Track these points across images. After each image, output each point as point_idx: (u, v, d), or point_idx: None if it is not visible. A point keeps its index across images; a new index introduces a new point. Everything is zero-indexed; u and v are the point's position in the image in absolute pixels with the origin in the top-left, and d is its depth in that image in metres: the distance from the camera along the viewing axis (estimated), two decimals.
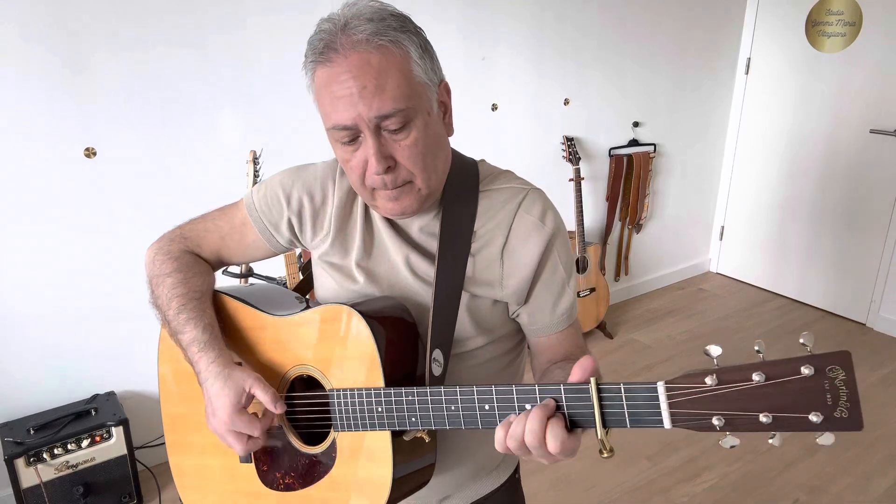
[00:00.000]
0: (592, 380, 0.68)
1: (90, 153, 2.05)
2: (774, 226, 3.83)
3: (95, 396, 2.20)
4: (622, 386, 0.67)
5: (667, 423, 0.65)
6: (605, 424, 0.68)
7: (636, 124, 3.47)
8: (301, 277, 1.16)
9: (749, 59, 3.76)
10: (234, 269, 2.17)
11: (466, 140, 2.34)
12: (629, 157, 3.43)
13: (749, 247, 3.99)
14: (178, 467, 1.07)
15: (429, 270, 0.91)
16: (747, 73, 3.78)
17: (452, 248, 0.88)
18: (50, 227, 2.04)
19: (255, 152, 2.11)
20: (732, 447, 0.64)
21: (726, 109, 3.89)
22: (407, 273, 0.92)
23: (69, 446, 2.00)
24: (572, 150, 3.13)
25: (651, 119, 3.53)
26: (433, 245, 0.92)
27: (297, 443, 0.94)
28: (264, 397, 0.87)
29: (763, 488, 2.29)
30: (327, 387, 0.89)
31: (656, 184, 3.68)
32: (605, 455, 0.69)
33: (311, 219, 0.97)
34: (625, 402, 0.67)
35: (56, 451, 1.98)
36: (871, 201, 3.36)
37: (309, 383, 0.94)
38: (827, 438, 0.60)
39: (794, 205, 3.71)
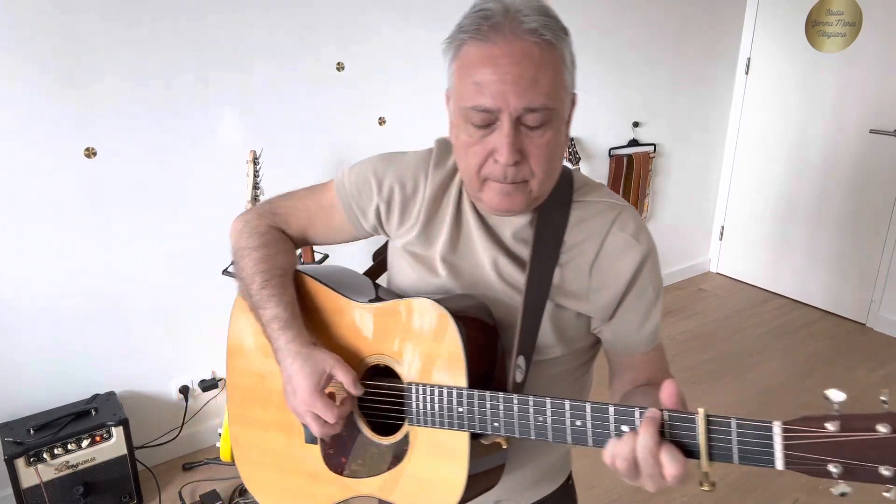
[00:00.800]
0: (702, 410, 0.66)
1: (90, 153, 2.05)
2: (774, 226, 3.83)
3: (95, 396, 2.20)
4: (734, 420, 0.65)
5: (779, 465, 0.63)
6: (710, 457, 0.66)
7: (636, 124, 3.47)
8: (374, 261, 1.15)
9: (749, 59, 3.76)
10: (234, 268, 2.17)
11: None
12: (629, 157, 3.43)
13: (749, 247, 3.99)
14: (238, 438, 1.07)
15: (515, 275, 0.90)
16: (747, 73, 3.78)
17: (543, 256, 0.87)
18: (50, 227, 2.04)
19: (255, 152, 2.11)
20: (843, 495, 0.61)
21: (726, 109, 3.89)
22: (493, 274, 0.91)
23: (69, 446, 2.00)
24: (572, 151, 3.13)
25: (651, 119, 3.53)
26: (522, 251, 0.91)
27: (367, 431, 0.93)
28: (345, 379, 0.87)
29: (763, 488, 2.29)
30: (405, 379, 0.88)
31: (656, 184, 3.68)
32: (706, 488, 0.67)
33: (399, 207, 0.96)
34: (734, 437, 0.65)
35: (56, 451, 1.98)
36: (871, 201, 3.36)
37: (382, 373, 0.93)
38: None
39: (795, 205, 3.71)
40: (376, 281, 1.08)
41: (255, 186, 2.10)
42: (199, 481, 2.31)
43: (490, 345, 0.86)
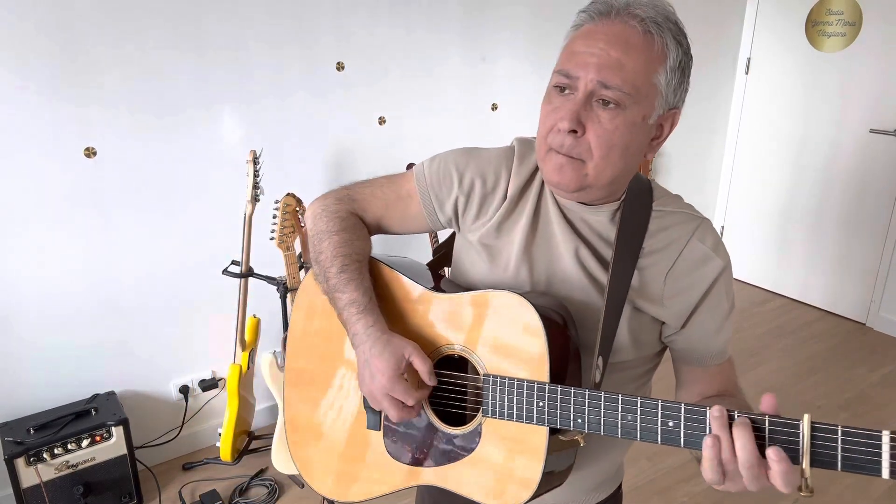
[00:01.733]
0: (806, 416, 0.67)
1: (90, 153, 2.05)
2: (774, 225, 3.83)
3: (95, 396, 2.19)
4: (840, 428, 0.66)
5: (885, 474, 0.64)
6: (812, 464, 0.67)
7: None
8: (434, 256, 1.16)
9: (749, 59, 3.76)
10: (234, 268, 2.17)
11: (466, 140, 2.34)
12: None
13: (749, 247, 3.99)
14: (294, 422, 1.07)
15: (596, 268, 0.91)
16: (747, 73, 3.78)
17: (624, 256, 0.88)
18: (50, 227, 2.04)
19: (255, 152, 2.11)
20: None
21: (726, 109, 3.89)
22: (573, 264, 0.91)
23: (69, 446, 2.00)
24: None
25: None
26: (602, 247, 0.92)
27: (435, 420, 0.93)
28: (422, 367, 0.87)
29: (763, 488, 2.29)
30: (482, 371, 0.88)
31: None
32: (804, 494, 0.67)
33: (478, 201, 0.97)
34: (839, 445, 0.66)
35: (56, 451, 1.98)
36: (871, 201, 3.36)
37: (453, 363, 0.93)
38: None
39: (795, 205, 3.71)
40: (438, 273, 1.08)
41: (255, 186, 2.10)
42: (199, 481, 2.31)
43: (567, 343, 0.86)
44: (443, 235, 1.08)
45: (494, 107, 2.91)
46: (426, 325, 0.95)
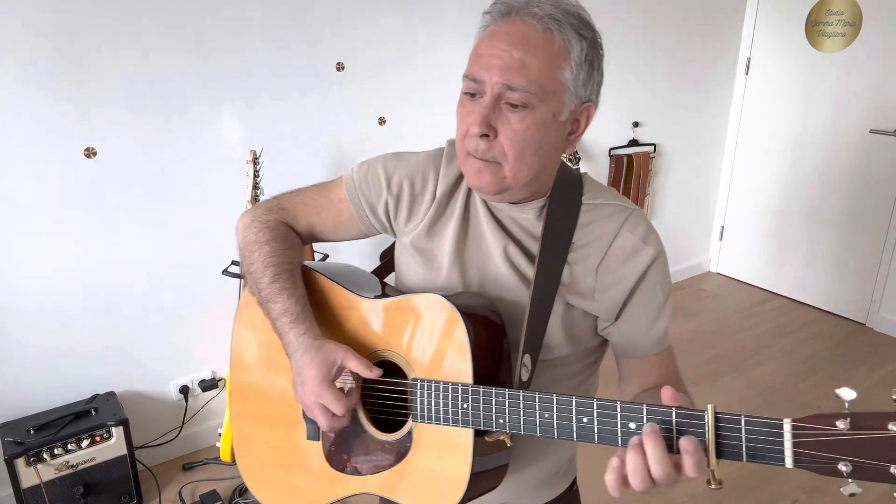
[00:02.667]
0: (710, 406, 0.66)
1: (90, 153, 2.05)
2: (774, 226, 3.83)
3: (95, 396, 2.19)
4: (743, 417, 0.65)
5: (789, 463, 0.63)
6: (718, 455, 0.66)
7: (636, 124, 3.47)
8: (381, 261, 1.16)
9: (749, 59, 3.76)
10: (234, 269, 2.17)
11: None
12: (629, 157, 3.43)
13: (749, 247, 3.99)
14: (240, 435, 1.07)
15: (525, 266, 0.91)
16: (747, 73, 3.78)
17: (551, 253, 0.88)
18: (50, 227, 2.04)
19: (255, 152, 2.11)
20: (853, 495, 0.61)
21: (726, 109, 3.89)
22: (503, 263, 0.91)
23: (69, 446, 2.00)
24: (572, 151, 3.13)
25: (651, 119, 3.53)
26: (530, 244, 0.92)
27: (370, 427, 0.93)
28: (358, 366, 0.87)
29: (763, 488, 2.29)
30: (410, 375, 0.88)
31: (656, 184, 3.68)
32: (714, 487, 0.67)
33: (408, 204, 0.97)
34: (744, 435, 0.65)
35: (56, 451, 1.98)
36: (871, 201, 3.36)
37: (388, 369, 0.93)
38: None
39: (794, 205, 3.71)
40: (384, 280, 1.08)
41: (255, 186, 2.10)
42: (199, 481, 2.31)
43: (496, 343, 0.86)
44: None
45: None
46: (359, 332, 0.95)
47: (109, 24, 1.98)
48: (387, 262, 1.13)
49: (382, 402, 0.93)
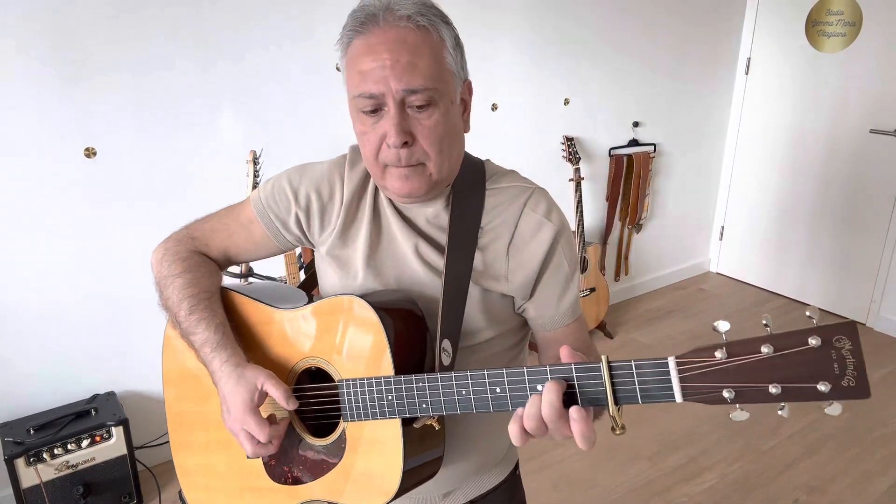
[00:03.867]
0: (604, 357, 0.70)
1: (90, 153, 2.05)
2: (774, 226, 3.83)
3: (95, 396, 2.20)
4: (633, 363, 0.68)
5: (678, 397, 0.66)
6: (616, 402, 0.69)
7: (636, 124, 3.47)
8: (303, 277, 1.17)
9: (749, 59, 3.76)
10: (234, 268, 2.17)
11: (466, 140, 2.34)
12: (629, 157, 3.43)
13: (749, 247, 3.99)
14: (183, 466, 1.07)
15: (437, 260, 0.93)
16: (747, 73, 3.78)
17: (461, 241, 0.90)
18: (50, 227, 2.04)
19: (255, 152, 2.11)
20: (741, 421, 0.65)
21: (726, 109, 3.89)
22: (415, 261, 0.93)
23: (69, 446, 2.00)
24: (572, 150, 3.13)
25: (651, 119, 3.53)
26: (441, 237, 0.94)
27: (305, 435, 0.94)
28: (276, 394, 0.88)
29: (763, 488, 2.29)
30: (336, 378, 0.89)
31: (656, 184, 3.68)
32: (618, 432, 0.70)
33: (318, 214, 0.98)
34: (636, 379, 0.68)
35: (56, 451, 1.98)
36: (871, 201, 3.36)
37: (318, 376, 0.94)
38: (835, 408, 0.61)
39: (794, 205, 3.71)
40: (311, 293, 1.09)
41: (255, 186, 2.10)
42: None
43: (418, 334, 0.88)
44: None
45: (494, 107, 2.91)
46: (282, 344, 0.96)
47: (110, 24, 1.98)
48: (312, 274, 1.14)
49: (315, 409, 0.94)
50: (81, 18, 1.93)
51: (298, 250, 2.23)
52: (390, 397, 0.83)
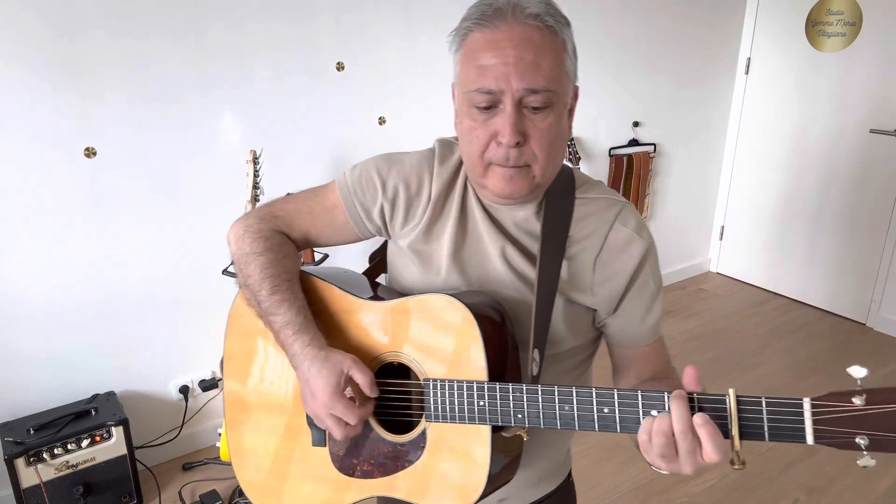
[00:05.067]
0: (731, 391, 0.69)
1: (90, 153, 2.05)
2: (774, 226, 3.83)
3: (95, 396, 2.19)
4: (763, 399, 0.68)
5: (810, 440, 0.66)
6: (741, 436, 0.69)
7: (636, 124, 3.47)
8: (370, 263, 1.15)
9: (749, 59, 3.76)
10: (234, 268, 2.17)
11: None
12: (629, 157, 3.43)
13: (749, 247, 3.98)
14: (238, 446, 1.05)
15: (523, 265, 0.91)
16: (747, 73, 3.78)
17: (551, 249, 0.89)
18: (49, 227, 2.04)
19: (254, 152, 2.11)
20: (865, 467, 0.65)
21: (726, 109, 3.89)
22: (501, 264, 0.92)
23: (69, 446, 2.00)
24: (572, 150, 3.13)
25: (651, 119, 3.53)
26: (529, 242, 0.92)
27: (380, 430, 0.92)
28: (362, 380, 0.87)
29: (763, 488, 2.29)
30: (421, 376, 0.88)
31: (656, 184, 3.68)
32: (737, 467, 0.69)
33: (404, 207, 0.97)
34: (765, 416, 0.68)
35: (56, 451, 1.98)
36: (871, 201, 3.36)
37: (394, 371, 0.93)
38: None
39: (795, 205, 3.70)
40: (374, 281, 1.08)
41: (255, 186, 2.10)
42: (199, 481, 2.31)
43: (503, 339, 0.87)
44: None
45: None
46: (364, 336, 0.94)
47: (110, 24, 1.98)
48: (376, 263, 1.12)
49: (393, 405, 0.93)
50: (82, 18, 1.93)
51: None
52: (482, 403, 0.82)
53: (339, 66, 2.44)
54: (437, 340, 0.87)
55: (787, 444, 0.67)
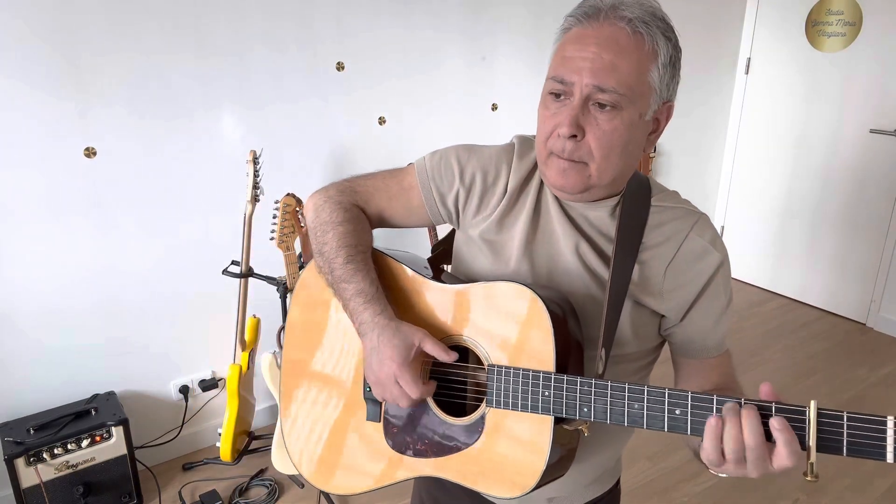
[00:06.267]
0: (813, 403, 0.69)
1: (90, 153, 2.05)
2: (774, 226, 3.83)
3: (95, 396, 2.19)
4: (845, 414, 0.67)
5: (890, 458, 0.66)
6: (819, 449, 0.68)
7: None
8: (433, 253, 1.17)
9: (749, 59, 3.76)
10: (234, 268, 2.17)
11: (467, 140, 2.34)
12: None
13: (749, 247, 3.99)
14: (291, 415, 1.07)
15: (596, 263, 0.92)
16: (747, 73, 3.78)
17: (624, 250, 0.90)
18: (49, 227, 2.04)
19: (255, 152, 2.11)
20: None
21: (726, 109, 3.89)
22: (574, 260, 0.93)
23: (69, 446, 2.00)
24: None
25: None
26: (603, 242, 0.93)
27: (437, 411, 0.93)
28: (435, 349, 0.88)
29: (763, 488, 2.29)
30: (486, 361, 0.88)
31: None
32: (810, 479, 0.69)
33: (479, 196, 0.98)
34: (845, 431, 0.67)
35: (56, 451, 1.98)
36: (871, 201, 3.36)
37: (460, 355, 0.93)
38: None
39: (794, 205, 3.71)
40: (441, 268, 1.09)
41: (255, 186, 2.10)
42: (199, 481, 2.31)
43: (569, 334, 0.87)
44: (442, 232, 1.09)
45: (494, 107, 2.90)
46: (431, 316, 0.95)
47: (109, 24, 1.98)
48: (439, 253, 1.14)
49: (451, 386, 0.94)
50: (82, 18, 1.93)
51: (298, 250, 2.23)
52: (547, 394, 0.82)
53: (339, 66, 2.44)
54: (503, 327, 0.87)
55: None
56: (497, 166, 0.98)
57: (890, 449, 0.65)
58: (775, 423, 0.68)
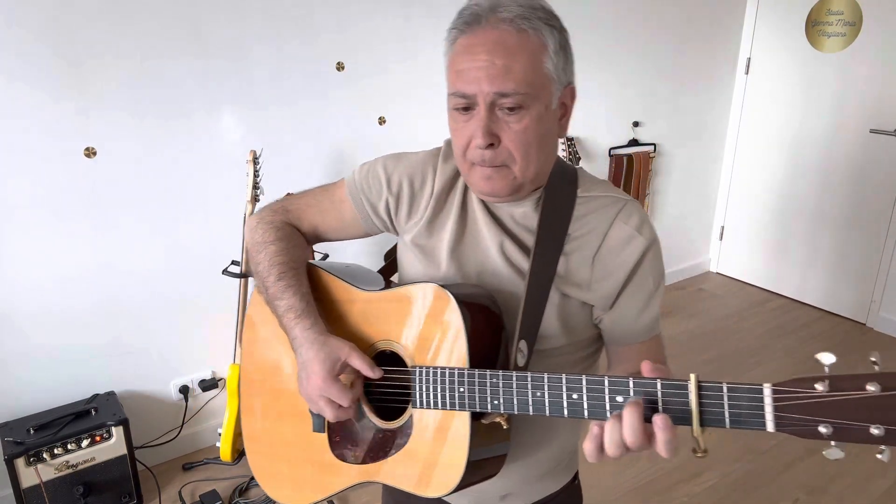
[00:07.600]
0: (693, 376, 0.68)
1: (90, 153, 2.05)
2: (774, 225, 3.83)
3: (95, 396, 2.19)
4: (725, 385, 0.66)
5: (770, 427, 0.64)
6: (702, 423, 0.67)
7: (636, 124, 3.47)
8: (385, 262, 1.20)
9: (749, 59, 3.76)
10: (234, 268, 2.17)
11: None
12: (629, 157, 3.44)
13: (749, 247, 3.99)
14: (250, 431, 1.10)
15: (521, 259, 0.93)
16: (747, 73, 3.78)
17: (547, 244, 0.90)
18: (50, 227, 2.04)
19: (255, 152, 2.11)
20: (836, 460, 0.62)
21: (726, 109, 3.89)
22: (499, 258, 0.94)
23: (69, 446, 2.00)
24: (572, 150, 3.13)
25: (651, 119, 3.53)
26: (527, 237, 0.94)
27: (372, 416, 0.95)
28: (361, 364, 0.90)
29: (763, 488, 2.29)
30: (409, 364, 0.90)
31: (656, 184, 3.68)
32: (699, 455, 0.68)
33: (408, 202, 1.00)
34: (726, 402, 0.66)
35: (56, 451, 1.98)
36: (871, 201, 3.36)
37: (390, 359, 0.95)
38: None
39: (795, 204, 3.71)
40: (389, 279, 1.10)
41: (255, 186, 2.10)
42: (199, 481, 2.31)
43: (494, 331, 0.88)
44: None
45: None
46: (361, 324, 0.98)
47: (109, 24, 1.98)
48: (391, 261, 1.16)
49: (384, 391, 0.95)
50: (82, 18, 1.93)
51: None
52: (462, 390, 0.84)
53: (340, 66, 2.44)
54: (425, 329, 0.89)
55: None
56: (423, 171, 1.00)
57: (769, 418, 0.63)
58: (658, 422, 0.67)
